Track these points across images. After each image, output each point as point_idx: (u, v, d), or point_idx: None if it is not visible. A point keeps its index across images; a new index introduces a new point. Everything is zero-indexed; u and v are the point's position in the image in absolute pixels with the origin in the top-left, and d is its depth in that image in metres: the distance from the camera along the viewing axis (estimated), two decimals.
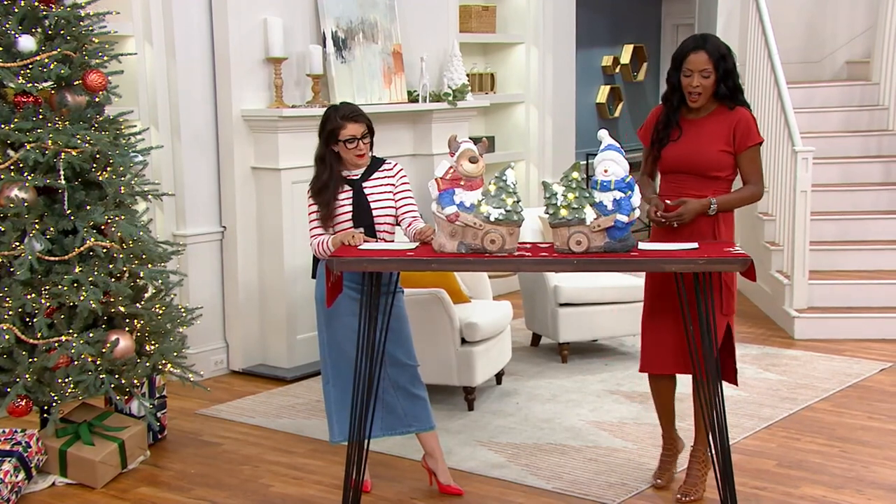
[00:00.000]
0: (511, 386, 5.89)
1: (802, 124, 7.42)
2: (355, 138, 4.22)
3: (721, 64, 4.09)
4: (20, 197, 4.42)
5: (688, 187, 4.18)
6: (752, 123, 4.16)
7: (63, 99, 4.59)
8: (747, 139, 4.14)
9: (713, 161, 4.14)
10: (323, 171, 4.26)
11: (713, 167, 4.14)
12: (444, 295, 5.32)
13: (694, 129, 4.19)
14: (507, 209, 3.79)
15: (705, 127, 4.17)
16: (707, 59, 4.07)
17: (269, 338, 6.29)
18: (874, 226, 7.48)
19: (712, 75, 4.09)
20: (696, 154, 4.14)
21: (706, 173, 4.15)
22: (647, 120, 4.34)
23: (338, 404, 4.39)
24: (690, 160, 4.15)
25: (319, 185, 4.26)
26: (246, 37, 6.07)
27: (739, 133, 4.13)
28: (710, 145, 4.14)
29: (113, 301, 4.59)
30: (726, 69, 4.11)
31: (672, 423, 4.45)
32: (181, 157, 6.04)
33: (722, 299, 4.15)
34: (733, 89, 4.15)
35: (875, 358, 6.38)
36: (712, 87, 4.11)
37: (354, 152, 4.24)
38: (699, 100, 4.13)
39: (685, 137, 4.17)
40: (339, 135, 4.22)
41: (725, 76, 4.11)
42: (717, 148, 4.13)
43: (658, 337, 4.29)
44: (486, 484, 4.56)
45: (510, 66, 8.47)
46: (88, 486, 4.58)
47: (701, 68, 4.08)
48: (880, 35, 8.25)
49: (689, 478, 4.37)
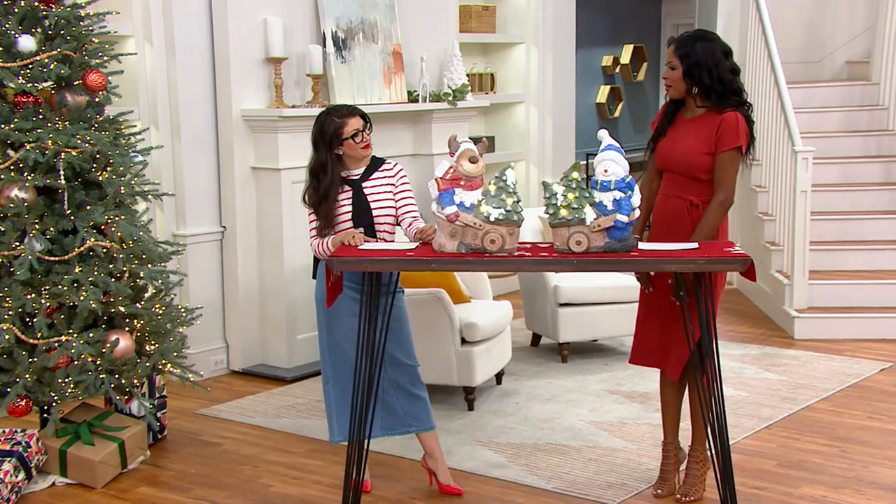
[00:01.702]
0: (511, 386, 5.89)
1: (802, 124, 7.42)
2: (359, 131, 4.23)
3: (685, 59, 4.11)
4: (20, 197, 4.42)
5: (678, 187, 4.21)
6: (734, 126, 4.10)
7: (63, 99, 4.59)
8: (724, 142, 4.10)
9: (694, 162, 4.15)
10: (323, 180, 4.19)
11: (695, 169, 4.15)
12: (444, 295, 5.32)
13: (684, 129, 4.21)
14: (507, 209, 3.79)
15: (692, 129, 4.19)
16: (672, 52, 4.16)
17: (269, 338, 6.29)
18: (874, 226, 7.48)
19: (678, 68, 4.14)
20: (681, 154, 4.16)
21: (689, 174, 4.16)
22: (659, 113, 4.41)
23: (338, 404, 4.39)
24: (676, 160, 4.19)
25: (319, 196, 4.20)
26: (246, 37, 6.07)
27: (719, 134, 4.12)
28: (693, 147, 4.15)
29: (113, 301, 4.59)
30: (691, 64, 4.10)
31: (675, 431, 4.42)
32: (181, 157, 6.04)
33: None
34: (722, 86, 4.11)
35: (875, 358, 6.38)
36: (680, 79, 4.14)
37: (361, 145, 4.24)
38: (670, 91, 4.20)
39: (676, 137, 4.21)
40: (343, 133, 4.20)
41: (690, 71, 4.10)
42: (700, 150, 4.14)
43: (645, 332, 4.35)
44: (486, 484, 4.56)
45: (510, 66, 8.47)
46: (88, 486, 4.58)
47: (668, 61, 4.18)
48: (880, 35, 8.25)
49: (688, 478, 4.37)
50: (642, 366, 4.45)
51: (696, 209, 4.17)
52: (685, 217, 4.17)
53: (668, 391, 4.40)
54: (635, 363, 4.45)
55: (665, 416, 4.43)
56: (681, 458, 4.47)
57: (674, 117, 4.26)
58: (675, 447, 4.45)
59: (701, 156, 4.14)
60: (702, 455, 4.37)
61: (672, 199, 4.22)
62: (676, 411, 4.41)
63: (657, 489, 4.41)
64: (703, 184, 4.17)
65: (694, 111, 4.21)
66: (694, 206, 4.17)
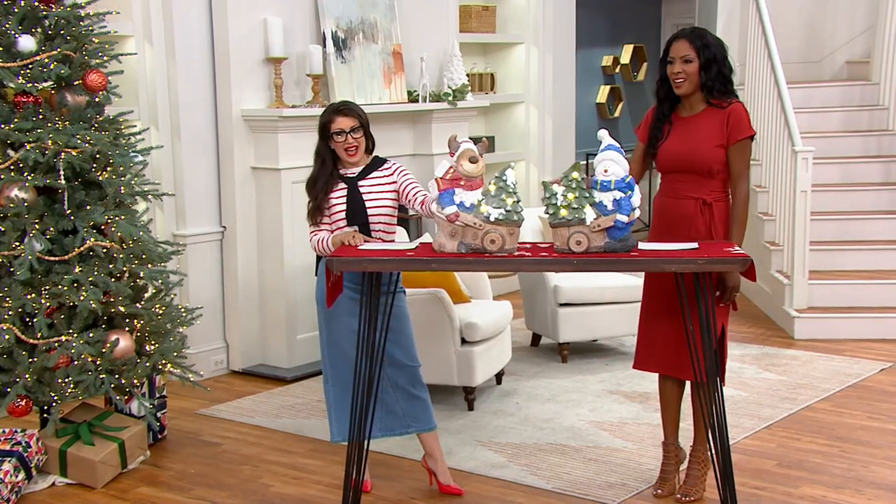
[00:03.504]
0: (511, 386, 5.89)
1: (802, 124, 7.42)
2: (343, 131, 4.23)
3: (704, 52, 4.10)
4: (20, 197, 4.43)
5: (686, 186, 4.17)
6: (744, 116, 4.14)
7: (63, 99, 4.59)
8: (738, 132, 4.12)
9: (710, 158, 4.12)
10: (319, 166, 4.30)
11: (710, 165, 4.13)
12: (444, 295, 5.32)
13: (688, 127, 4.18)
14: (507, 209, 3.79)
15: (699, 124, 4.16)
16: (688, 45, 4.11)
17: (269, 338, 6.29)
18: (874, 226, 7.48)
19: (695, 61, 4.10)
20: (693, 152, 4.13)
21: (703, 172, 4.14)
22: (644, 118, 4.36)
23: (337, 404, 4.39)
24: (687, 159, 4.14)
25: (313, 177, 4.31)
26: (246, 37, 6.07)
27: (731, 125, 4.12)
28: (705, 142, 4.13)
29: (113, 301, 4.59)
30: (709, 57, 4.10)
31: (675, 430, 4.41)
32: (181, 157, 6.04)
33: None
34: (723, 80, 4.13)
35: (875, 358, 6.38)
36: (696, 73, 4.11)
37: (343, 146, 4.25)
38: (683, 86, 4.13)
39: (681, 136, 4.16)
40: (330, 128, 4.24)
41: (708, 65, 4.10)
42: (712, 144, 4.13)
43: (652, 337, 4.31)
44: (486, 484, 4.56)
45: (510, 66, 8.48)
46: (88, 486, 4.58)
47: (682, 54, 4.11)
48: (880, 35, 8.25)
49: (688, 478, 4.37)
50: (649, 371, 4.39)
51: (709, 208, 4.15)
52: (697, 217, 4.14)
53: (667, 391, 4.39)
54: (640, 369, 4.39)
55: (665, 417, 4.42)
56: (681, 458, 4.46)
57: (669, 118, 4.25)
58: (676, 447, 4.44)
59: (715, 149, 4.12)
60: (703, 455, 4.36)
61: (682, 200, 4.17)
62: (676, 411, 4.40)
63: (657, 489, 4.41)
64: (715, 180, 4.16)
65: (695, 108, 4.19)
66: (706, 204, 4.15)
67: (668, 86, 4.20)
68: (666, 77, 4.19)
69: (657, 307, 4.27)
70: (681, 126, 4.20)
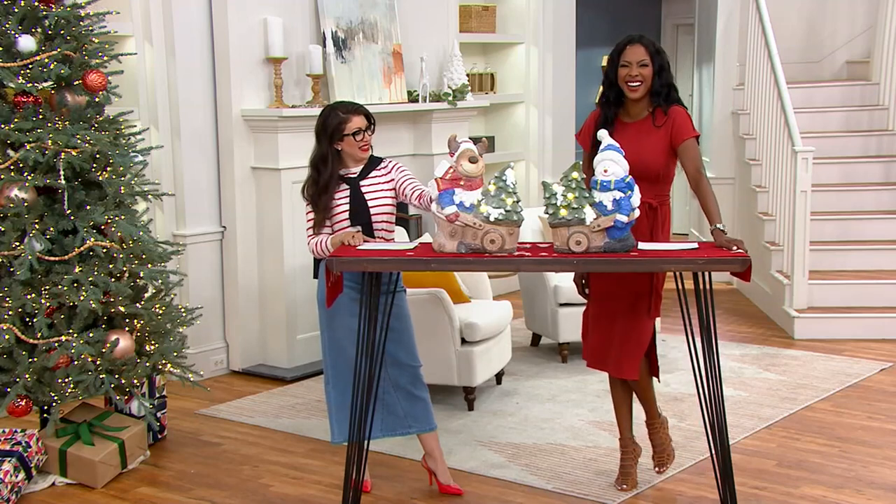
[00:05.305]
0: (511, 386, 5.89)
1: (802, 124, 7.42)
2: (361, 130, 4.23)
3: (657, 58, 4.18)
4: (20, 197, 4.43)
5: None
6: (687, 119, 4.20)
7: (63, 99, 4.59)
8: (683, 132, 4.16)
9: (660, 163, 4.16)
10: (323, 172, 4.22)
11: (658, 170, 4.17)
12: (444, 295, 5.32)
13: (633, 132, 4.20)
14: (507, 209, 3.80)
15: (644, 130, 4.20)
16: (644, 51, 4.17)
17: (269, 338, 6.29)
18: (874, 226, 7.48)
19: (650, 66, 4.16)
20: (642, 158, 4.11)
21: (651, 177, 4.15)
22: (586, 123, 4.38)
23: (337, 405, 4.39)
24: (637, 164, 4.03)
25: (318, 189, 4.22)
26: (246, 37, 6.07)
27: (675, 128, 4.16)
28: (654, 147, 4.16)
29: (113, 301, 4.60)
30: (661, 63, 4.19)
31: (629, 426, 4.49)
32: (181, 157, 6.04)
33: (651, 303, 4.22)
34: (668, 86, 4.20)
35: (875, 358, 6.38)
36: (650, 77, 4.16)
37: (360, 144, 4.24)
38: (639, 89, 4.17)
39: (627, 142, 4.08)
40: (345, 129, 4.21)
41: (661, 70, 4.18)
42: (659, 149, 4.17)
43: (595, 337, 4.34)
44: (486, 484, 4.56)
45: (510, 66, 8.47)
46: (88, 486, 4.58)
47: (639, 59, 4.16)
48: (880, 35, 8.25)
49: (656, 446, 4.51)
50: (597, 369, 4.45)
51: (654, 211, 4.19)
52: (643, 220, 4.13)
53: (617, 391, 4.46)
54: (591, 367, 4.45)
55: (619, 415, 4.49)
56: (638, 452, 4.55)
57: (611, 120, 4.25)
58: (633, 442, 4.51)
59: (661, 154, 4.17)
60: (658, 421, 4.49)
61: None
62: (629, 408, 4.48)
63: (621, 485, 4.46)
64: (660, 185, 4.21)
65: (639, 113, 4.23)
66: (652, 208, 4.19)
67: (618, 90, 4.23)
68: (615, 81, 4.21)
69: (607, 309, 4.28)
70: (625, 132, 4.20)
